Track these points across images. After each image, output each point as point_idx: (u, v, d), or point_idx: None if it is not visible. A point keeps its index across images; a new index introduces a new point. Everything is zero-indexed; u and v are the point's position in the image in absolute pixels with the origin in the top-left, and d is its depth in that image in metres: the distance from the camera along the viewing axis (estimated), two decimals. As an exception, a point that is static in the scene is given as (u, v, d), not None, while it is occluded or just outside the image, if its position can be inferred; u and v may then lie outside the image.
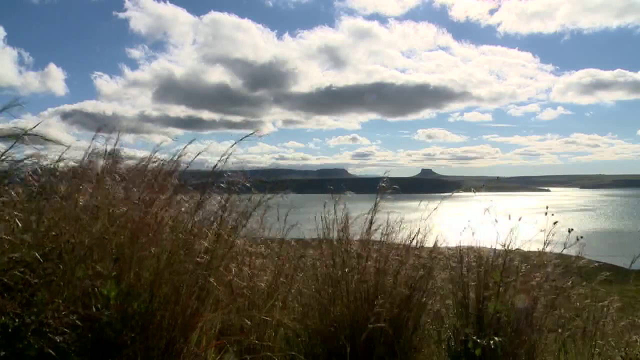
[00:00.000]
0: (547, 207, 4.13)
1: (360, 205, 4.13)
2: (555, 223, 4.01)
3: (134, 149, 3.77)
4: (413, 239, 4.01)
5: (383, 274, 3.72)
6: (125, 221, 2.81)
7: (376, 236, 4.02)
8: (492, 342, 3.45)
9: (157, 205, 2.93)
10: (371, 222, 3.97)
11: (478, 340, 3.48)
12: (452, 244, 4.43)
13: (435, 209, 4.08)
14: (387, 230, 4.03)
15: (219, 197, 3.31)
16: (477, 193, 4.58)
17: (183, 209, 3.11)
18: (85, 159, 3.42)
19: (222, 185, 3.24)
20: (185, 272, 2.81)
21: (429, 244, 4.11)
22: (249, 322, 3.45)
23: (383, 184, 4.02)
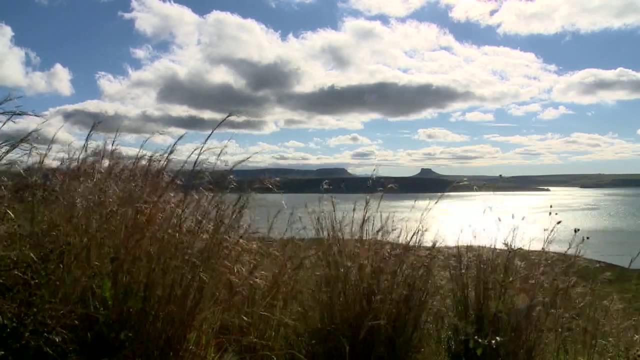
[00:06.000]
0: (551, 206, 4.11)
1: (360, 205, 4.12)
2: (559, 223, 4.00)
3: (135, 148, 3.76)
4: (411, 238, 3.99)
5: (379, 273, 3.71)
6: (120, 220, 2.80)
7: (374, 235, 4.01)
8: (493, 341, 3.44)
9: (151, 203, 2.92)
10: (363, 221, 3.96)
11: (479, 340, 3.47)
12: (452, 243, 4.42)
13: (436, 202, 4.05)
14: (383, 229, 4.02)
15: (211, 196, 3.30)
16: (478, 192, 4.59)
17: (173, 205, 3.09)
18: (81, 157, 3.42)
19: (207, 183, 3.23)
20: (176, 270, 2.80)
21: (428, 242, 4.10)
22: (246, 319, 3.44)
23: (376, 182, 4.00)
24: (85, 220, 2.83)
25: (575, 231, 4.09)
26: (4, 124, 2.90)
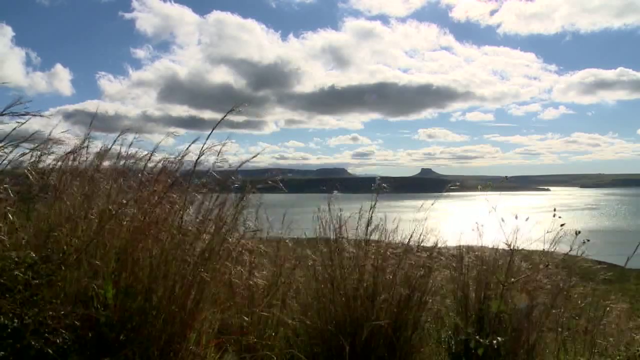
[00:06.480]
0: (554, 209, 4.09)
1: (360, 205, 4.12)
2: (562, 225, 3.98)
3: (135, 149, 3.76)
4: (412, 238, 3.99)
5: (381, 273, 3.70)
6: (126, 220, 2.81)
7: (374, 235, 4.01)
8: (494, 341, 3.43)
9: (154, 204, 2.93)
10: (369, 222, 3.95)
11: (481, 340, 3.47)
12: (453, 243, 4.42)
13: (433, 204, 4.04)
14: (384, 229, 4.02)
15: (214, 196, 3.31)
16: (478, 192, 4.58)
17: (177, 206, 3.09)
18: (82, 157, 3.43)
19: (203, 183, 3.23)
20: (178, 270, 2.81)
21: (429, 243, 4.09)
22: (247, 319, 3.45)
23: (378, 184, 4.00)
24: (88, 220, 2.83)
25: (577, 233, 4.09)
26: (13, 128, 2.91)
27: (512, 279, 3.88)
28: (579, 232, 4.11)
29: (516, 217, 4.09)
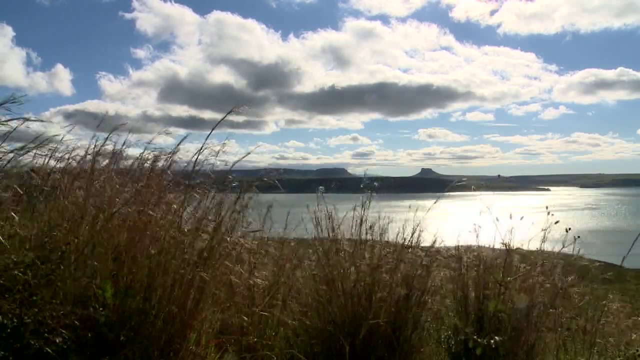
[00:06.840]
0: (547, 208, 4.12)
1: (359, 205, 4.11)
2: (556, 222, 4.01)
3: (135, 148, 3.76)
4: (410, 238, 3.98)
5: (378, 272, 3.70)
6: (123, 220, 2.81)
7: (369, 235, 4.01)
8: (492, 341, 3.44)
9: (153, 203, 2.93)
10: (361, 221, 3.95)
11: (479, 340, 3.47)
12: (452, 242, 4.42)
13: (435, 202, 4.04)
14: (380, 228, 4.02)
15: (214, 195, 3.31)
16: (478, 192, 4.58)
17: (175, 206, 3.09)
18: (83, 157, 3.43)
19: (208, 183, 3.23)
20: (177, 270, 2.81)
21: (427, 242, 4.09)
22: (246, 319, 3.45)
23: (368, 183, 4.00)
24: (87, 220, 2.83)
25: (567, 230, 4.09)
26: (14, 129, 2.90)
27: (509, 278, 3.88)
28: (569, 229, 4.11)
29: (510, 217, 4.10)
